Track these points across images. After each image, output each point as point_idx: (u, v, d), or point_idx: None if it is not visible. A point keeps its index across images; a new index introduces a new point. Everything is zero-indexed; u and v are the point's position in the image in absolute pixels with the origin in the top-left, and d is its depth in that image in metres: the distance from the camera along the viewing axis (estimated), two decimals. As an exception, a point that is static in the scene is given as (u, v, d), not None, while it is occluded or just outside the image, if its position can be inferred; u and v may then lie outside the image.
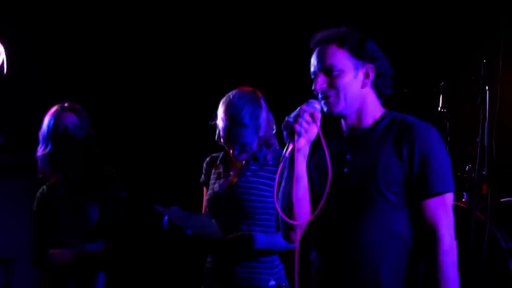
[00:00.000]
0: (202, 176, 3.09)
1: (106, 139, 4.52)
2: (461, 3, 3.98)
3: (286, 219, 2.24)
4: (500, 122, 3.43)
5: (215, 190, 2.98)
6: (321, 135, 2.23)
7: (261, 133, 2.91)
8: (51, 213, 3.21)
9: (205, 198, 3.07)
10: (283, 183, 2.31)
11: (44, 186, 3.32)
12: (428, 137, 2.23)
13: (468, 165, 3.82)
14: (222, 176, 3.00)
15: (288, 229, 2.35)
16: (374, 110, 2.32)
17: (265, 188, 2.89)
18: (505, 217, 3.60)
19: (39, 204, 3.28)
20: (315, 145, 2.28)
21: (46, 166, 3.21)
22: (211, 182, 3.03)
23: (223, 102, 2.91)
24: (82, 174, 3.21)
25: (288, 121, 2.23)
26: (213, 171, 3.05)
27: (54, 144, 3.18)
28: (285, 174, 2.30)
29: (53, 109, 3.24)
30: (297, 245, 2.22)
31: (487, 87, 3.43)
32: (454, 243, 2.20)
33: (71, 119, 3.20)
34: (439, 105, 3.93)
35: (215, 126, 2.96)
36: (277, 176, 2.22)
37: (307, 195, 2.31)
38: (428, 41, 4.20)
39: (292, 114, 2.24)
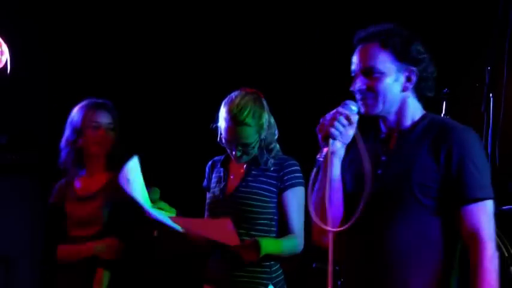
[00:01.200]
0: (205, 180, 3.08)
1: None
2: (466, 9, 3.97)
3: (322, 225, 2.16)
4: (504, 129, 3.42)
5: (215, 194, 2.98)
6: (358, 139, 2.18)
7: (263, 135, 2.90)
8: (65, 208, 3.20)
9: (206, 201, 3.06)
10: (316, 186, 2.23)
11: (63, 180, 3.29)
12: (467, 141, 2.16)
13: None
14: (222, 180, 2.99)
15: (320, 234, 2.27)
16: (414, 112, 2.26)
17: (266, 193, 2.88)
18: (507, 225, 3.59)
19: (56, 197, 3.27)
20: (350, 145, 2.23)
21: (69, 159, 3.19)
22: (212, 185, 3.02)
23: (225, 103, 2.90)
24: (102, 171, 3.19)
25: (322, 124, 2.17)
26: (214, 175, 3.05)
27: (83, 140, 3.16)
28: (319, 177, 2.21)
29: (86, 103, 3.20)
30: (330, 249, 2.12)
31: (491, 95, 3.42)
32: (496, 253, 2.13)
33: (106, 118, 3.18)
34: (442, 112, 3.92)
35: (216, 129, 2.95)
36: (310, 179, 2.15)
37: (341, 197, 2.25)
38: (432, 47, 4.19)
39: (328, 117, 2.17)
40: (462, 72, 4.14)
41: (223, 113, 2.89)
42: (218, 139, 2.95)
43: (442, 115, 3.92)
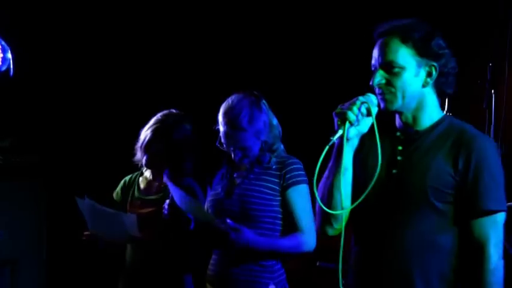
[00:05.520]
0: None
1: (115, 142, 4.54)
2: (467, 6, 3.97)
3: (324, 207, 2.13)
4: (506, 126, 3.42)
5: (217, 191, 2.99)
6: (375, 129, 2.12)
7: (263, 137, 2.90)
8: (127, 206, 3.26)
9: (207, 198, 3.07)
10: (326, 173, 2.20)
11: (129, 176, 3.35)
12: (487, 151, 2.13)
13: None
14: (225, 177, 3.00)
15: (325, 222, 2.25)
16: (432, 111, 2.22)
17: (268, 191, 2.88)
18: (510, 221, 3.58)
19: (119, 193, 3.33)
20: (365, 139, 2.19)
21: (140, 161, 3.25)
22: (215, 182, 3.04)
23: (222, 107, 2.91)
24: (167, 178, 3.21)
25: (341, 108, 2.12)
26: (218, 171, 3.06)
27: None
28: (330, 164, 2.18)
29: (149, 127, 3.23)
30: (342, 233, 2.11)
31: (492, 91, 3.42)
32: (501, 263, 2.12)
33: (154, 147, 3.20)
34: (444, 109, 3.92)
35: (218, 131, 2.96)
36: (318, 163, 2.05)
37: (349, 188, 2.20)
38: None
39: (347, 103, 2.12)
40: (463, 69, 4.14)
41: (219, 117, 2.91)
42: (217, 143, 2.96)
43: (445, 112, 3.92)
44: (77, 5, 4.71)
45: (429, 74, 2.17)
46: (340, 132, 2.09)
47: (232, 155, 2.93)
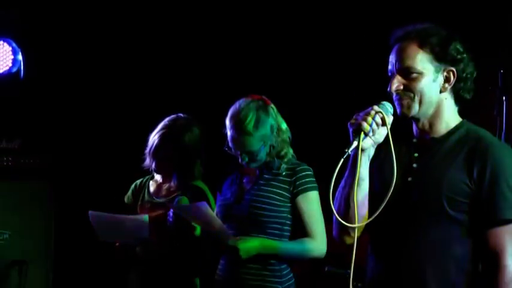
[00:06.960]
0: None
1: (124, 144, 4.55)
2: (478, 12, 3.96)
3: (342, 221, 2.08)
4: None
5: (227, 197, 2.99)
6: (390, 139, 2.09)
7: (270, 142, 2.91)
8: (137, 209, 3.28)
9: (217, 203, 3.08)
10: (342, 183, 2.17)
11: (140, 180, 3.37)
12: (503, 160, 2.09)
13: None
14: (235, 182, 3.01)
15: (342, 232, 2.22)
16: (449, 117, 2.18)
17: (277, 197, 2.89)
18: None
19: (130, 197, 3.35)
20: (381, 147, 2.15)
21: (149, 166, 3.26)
22: (224, 187, 3.04)
23: (230, 111, 2.92)
24: (176, 182, 3.23)
25: (355, 118, 2.09)
26: (227, 177, 3.07)
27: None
28: (346, 174, 2.15)
29: (160, 129, 3.24)
30: (354, 246, 2.07)
31: (504, 98, 3.40)
32: None
33: (163, 150, 3.22)
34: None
35: (226, 135, 2.97)
36: (333, 175, 2.02)
37: (366, 198, 2.18)
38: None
39: (362, 113, 2.09)
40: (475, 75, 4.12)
41: (227, 121, 2.91)
42: (225, 146, 2.96)
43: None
44: (88, 9, 4.71)
45: (447, 80, 2.14)
46: (355, 143, 2.06)
47: (240, 159, 2.94)
